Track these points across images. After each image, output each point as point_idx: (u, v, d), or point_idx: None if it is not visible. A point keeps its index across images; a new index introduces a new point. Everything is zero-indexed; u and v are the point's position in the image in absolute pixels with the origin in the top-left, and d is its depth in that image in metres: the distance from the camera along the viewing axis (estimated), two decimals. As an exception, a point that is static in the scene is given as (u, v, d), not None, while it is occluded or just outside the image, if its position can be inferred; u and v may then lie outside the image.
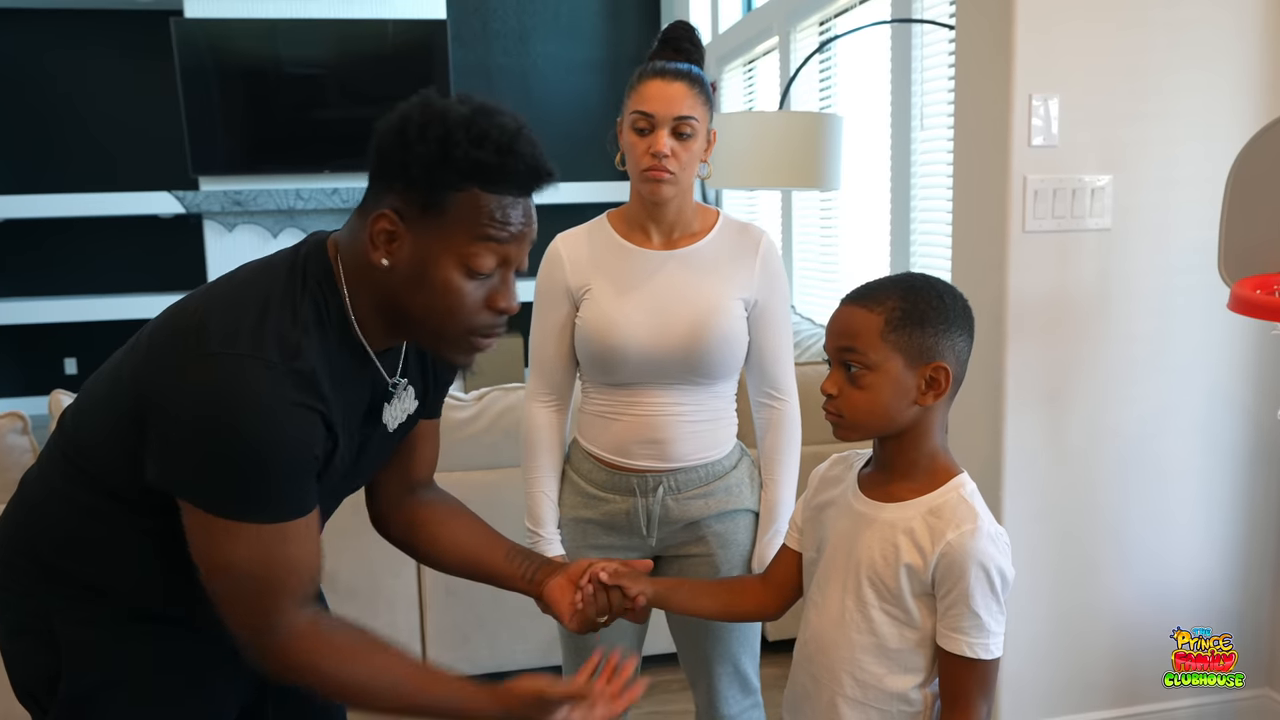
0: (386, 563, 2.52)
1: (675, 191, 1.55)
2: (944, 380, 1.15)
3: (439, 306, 1.07)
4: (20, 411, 2.42)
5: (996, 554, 1.13)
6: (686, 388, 1.58)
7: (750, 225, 1.66)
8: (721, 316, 1.56)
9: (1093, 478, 2.11)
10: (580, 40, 6.62)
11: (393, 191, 1.04)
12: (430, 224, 1.04)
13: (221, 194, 5.96)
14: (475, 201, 1.03)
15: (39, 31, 5.95)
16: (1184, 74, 2.02)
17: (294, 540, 1.05)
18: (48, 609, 1.13)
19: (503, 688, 1.16)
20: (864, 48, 3.75)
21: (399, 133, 1.02)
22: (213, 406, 0.97)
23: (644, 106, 1.53)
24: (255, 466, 0.99)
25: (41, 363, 6.25)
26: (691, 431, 1.59)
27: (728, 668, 1.67)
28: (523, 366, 6.28)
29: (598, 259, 1.61)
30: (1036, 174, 1.98)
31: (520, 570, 1.38)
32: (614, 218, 1.65)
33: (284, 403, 0.99)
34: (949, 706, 1.17)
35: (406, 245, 1.05)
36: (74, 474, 1.12)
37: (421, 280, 1.06)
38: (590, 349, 1.58)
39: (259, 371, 0.99)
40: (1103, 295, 2.05)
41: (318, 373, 1.03)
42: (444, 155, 1.01)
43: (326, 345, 1.06)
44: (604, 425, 1.61)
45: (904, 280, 1.20)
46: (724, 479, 1.62)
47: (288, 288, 1.06)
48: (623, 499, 1.60)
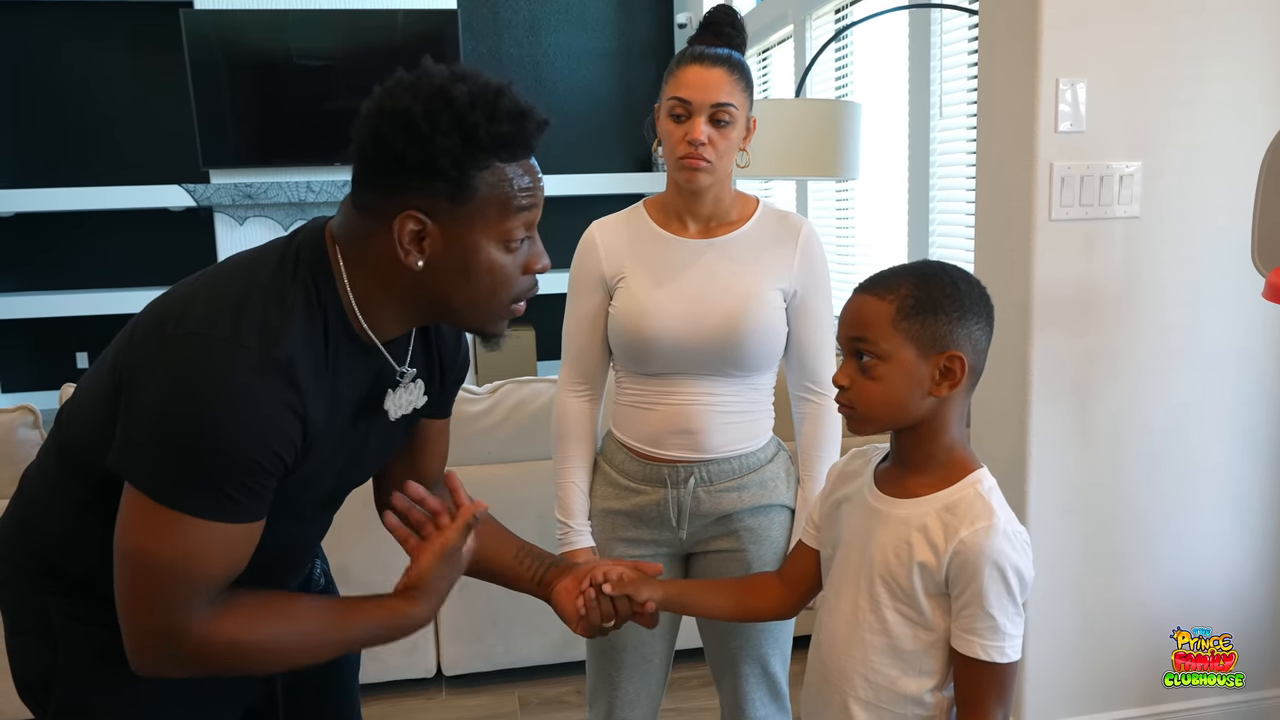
0: (399, 557, 2.47)
1: (712, 180, 1.51)
2: (959, 370, 1.11)
3: (484, 288, 1.05)
4: (31, 405, 2.40)
5: (1013, 553, 1.09)
6: (721, 379, 1.54)
7: (791, 214, 1.62)
8: (758, 307, 1.52)
9: (1119, 471, 2.06)
10: (591, 30, 6.58)
11: (409, 190, 1.00)
12: (460, 211, 1.01)
13: (232, 187, 5.94)
14: (499, 176, 1.01)
15: (49, 25, 5.93)
16: (1214, 59, 1.97)
17: (228, 545, 1.00)
18: (47, 606, 1.11)
19: (406, 578, 1.15)
20: (881, 34, 3.70)
21: (408, 129, 0.97)
22: (179, 384, 0.95)
23: (681, 93, 1.49)
24: (210, 451, 0.95)
25: (53, 356, 6.25)
26: (725, 423, 1.55)
27: (754, 668, 1.63)
28: (535, 360, 6.26)
29: (633, 247, 1.57)
30: (1063, 160, 1.93)
31: (529, 571, 1.35)
32: (651, 205, 1.62)
33: (252, 391, 0.96)
34: (964, 711, 1.13)
35: (438, 239, 1.02)
36: (70, 468, 1.10)
37: (464, 269, 1.03)
38: (623, 338, 1.56)
39: (232, 355, 0.95)
40: (1130, 285, 2.00)
41: (297, 362, 0.99)
42: (467, 140, 0.98)
43: (313, 334, 1.02)
44: (637, 415, 1.58)
45: (917, 268, 1.15)
46: (758, 472, 1.58)
47: (276, 275, 1.03)
48: (654, 490, 1.57)
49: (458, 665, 2.60)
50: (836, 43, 3.99)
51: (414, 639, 2.53)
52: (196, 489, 0.96)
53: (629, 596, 1.30)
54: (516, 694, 2.59)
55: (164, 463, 0.96)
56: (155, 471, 0.96)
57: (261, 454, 0.97)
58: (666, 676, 1.69)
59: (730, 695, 1.66)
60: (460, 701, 2.57)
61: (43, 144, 6.03)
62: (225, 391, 0.94)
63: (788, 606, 1.35)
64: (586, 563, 1.36)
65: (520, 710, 2.53)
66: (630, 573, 1.32)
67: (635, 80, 6.69)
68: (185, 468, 0.95)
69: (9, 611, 1.17)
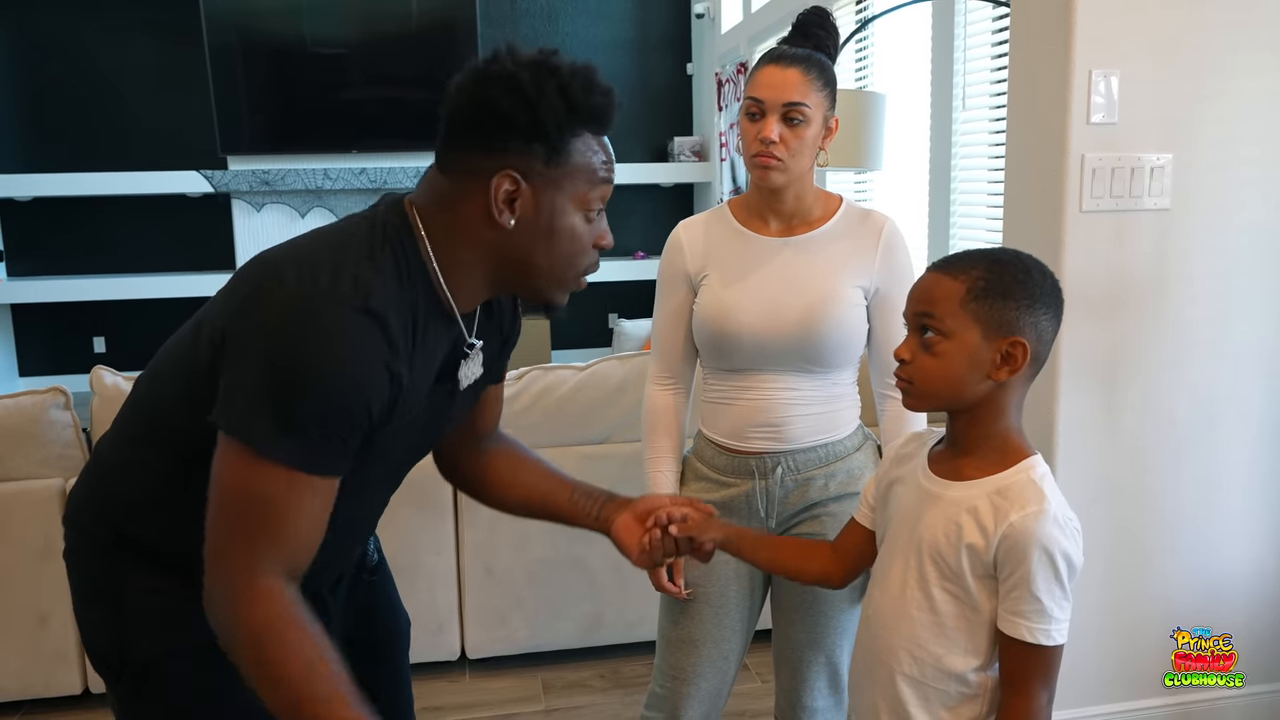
0: (427, 540, 2.52)
1: (785, 178, 1.53)
2: (1021, 356, 1.12)
3: (564, 253, 1.11)
4: (63, 387, 2.43)
5: (1063, 539, 1.10)
6: (801, 374, 1.56)
7: (874, 212, 1.63)
8: (836, 305, 1.53)
9: (1146, 462, 2.07)
10: (609, 20, 6.58)
11: (510, 151, 1.05)
12: (553, 175, 1.07)
13: (250, 174, 5.96)
14: (588, 146, 1.09)
15: (69, 11, 5.94)
16: (1247, 53, 1.97)
17: (308, 497, 1.02)
18: (119, 575, 1.13)
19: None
20: (902, 26, 3.70)
21: (514, 91, 1.03)
22: (281, 338, 0.98)
23: (756, 92, 1.52)
24: (312, 399, 0.98)
25: (71, 341, 6.27)
26: (807, 413, 1.56)
27: (820, 657, 1.63)
28: (549, 348, 6.27)
29: (716, 246, 1.60)
30: (1095, 152, 1.93)
31: (586, 509, 1.39)
32: (735, 205, 1.64)
33: (353, 341, 0.99)
34: (1009, 692, 1.15)
35: (529, 201, 1.07)
36: (147, 437, 1.12)
37: (550, 232, 1.09)
38: (705, 335, 1.58)
39: (333, 307, 0.99)
40: (1160, 277, 2.01)
41: (390, 319, 1.02)
42: (569, 106, 1.05)
43: (403, 295, 1.06)
44: (722, 411, 1.60)
45: (993, 252, 1.17)
46: (845, 460, 1.59)
47: (367, 239, 1.07)
48: (743, 482, 1.58)
49: (482, 649, 2.62)
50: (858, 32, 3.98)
51: (439, 621, 2.55)
52: (293, 438, 0.99)
53: (691, 537, 1.33)
54: (540, 678, 2.61)
55: (263, 411, 0.98)
56: (257, 422, 0.98)
57: (357, 403, 1.01)
58: (738, 672, 1.67)
59: (789, 681, 1.66)
60: (484, 684, 2.59)
61: (61, 129, 6.05)
62: (327, 342, 0.98)
63: (834, 576, 1.37)
64: (644, 499, 1.38)
65: (544, 694, 2.55)
66: (694, 513, 1.35)
67: (652, 70, 6.68)
68: (285, 417, 0.98)
69: (80, 579, 1.19)
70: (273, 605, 1.02)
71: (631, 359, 2.60)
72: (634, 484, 1.64)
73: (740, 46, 5.55)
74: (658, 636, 1.66)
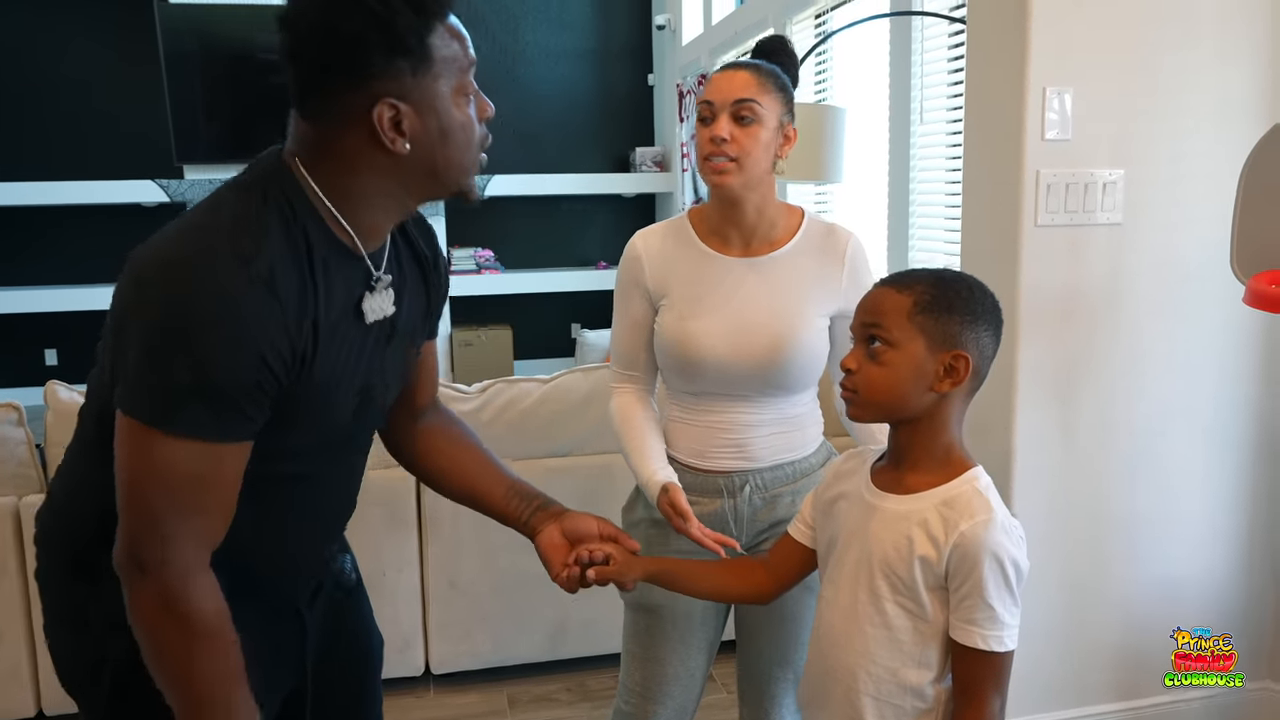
0: (390, 556, 2.50)
1: (741, 182, 1.49)
2: (963, 369, 1.15)
3: (460, 144, 1.09)
4: (16, 402, 2.38)
5: (1010, 546, 1.13)
6: (765, 398, 1.55)
7: (837, 228, 1.62)
8: (802, 331, 1.53)
9: (1102, 472, 2.12)
10: (571, 29, 6.59)
11: (374, 76, 1.01)
12: (425, 83, 1.04)
13: (206, 182, 5.88)
14: (444, 39, 1.05)
15: (19, 13, 5.84)
16: (1198, 70, 2.02)
17: (212, 464, 1.01)
18: (83, 599, 1.12)
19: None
20: (861, 41, 3.74)
21: (361, 12, 0.99)
22: (154, 307, 0.97)
23: (707, 95, 1.51)
24: (190, 363, 0.96)
25: (22, 354, 6.15)
26: (770, 434, 1.57)
27: (788, 674, 1.63)
28: (512, 359, 6.26)
29: (676, 264, 1.57)
30: (1050, 168, 1.97)
31: (518, 510, 1.38)
32: (695, 217, 1.60)
33: (233, 303, 0.97)
34: (962, 701, 1.17)
35: (414, 119, 1.04)
36: (94, 455, 1.10)
37: (443, 134, 1.06)
38: (668, 361, 1.57)
39: (204, 269, 0.97)
40: (1113, 291, 2.05)
41: (275, 270, 1.00)
42: (417, 9, 1.01)
43: (292, 246, 1.03)
44: (684, 430, 1.59)
45: (938, 271, 1.22)
46: (810, 477, 1.59)
47: (242, 201, 1.04)
48: (710, 500, 1.57)
49: (446, 663, 2.60)
50: (818, 46, 4.03)
51: (404, 636, 2.53)
52: (186, 407, 0.97)
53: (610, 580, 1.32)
54: (506, 692, 2.60)
55: (150, 384, 0.97)
56: (145, 395, 0.97)
57: (246, 360, 0.98)
58: (704, 687, 1.67)
59: (756, 699, 1.65)
60: (449, 700, 2.58)
61: (12, 137, 5.93)
62: (201, 304, 0.96)
63: (766, 593, 1.39)
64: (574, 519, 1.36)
65: (510, 708, 2.54)
66: (616, 555, 1.32)
67: (614, 81, 6.70)
68: (172, 386, 0.97)
69: (50, 606, 1.17)
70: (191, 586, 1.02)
71: (595, 371, 2.60)
72: (598, 496, 1.64)
73: (701, 58, 5.58)
74: (623, 652, 1.66)
